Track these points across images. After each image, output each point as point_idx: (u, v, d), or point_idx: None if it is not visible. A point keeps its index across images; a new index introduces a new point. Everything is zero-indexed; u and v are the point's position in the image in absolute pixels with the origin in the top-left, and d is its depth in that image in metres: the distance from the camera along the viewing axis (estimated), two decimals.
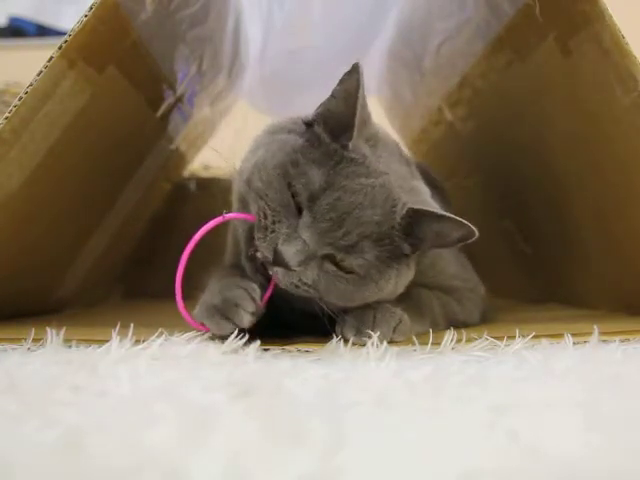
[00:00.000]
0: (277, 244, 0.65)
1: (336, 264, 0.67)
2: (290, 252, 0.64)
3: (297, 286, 0.66)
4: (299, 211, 0.66)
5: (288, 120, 0.76)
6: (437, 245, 0.72)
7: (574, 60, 0.81)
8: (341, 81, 0.68)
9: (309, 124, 0.71)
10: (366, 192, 0.66)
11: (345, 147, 0.68)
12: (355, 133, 0.68)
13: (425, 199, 0.74)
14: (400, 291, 0.73)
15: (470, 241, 0.67)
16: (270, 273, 0.67)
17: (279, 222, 0.66)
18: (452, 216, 0.67)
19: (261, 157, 0.71)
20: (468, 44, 1.06)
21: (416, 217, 0.68)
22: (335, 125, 0.69)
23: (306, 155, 0.68)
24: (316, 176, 0.66)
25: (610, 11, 0.72)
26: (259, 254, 0.67)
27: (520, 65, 0.94)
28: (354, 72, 0.67)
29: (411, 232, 0.68)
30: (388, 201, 0.67)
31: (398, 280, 0.71)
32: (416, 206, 0.68)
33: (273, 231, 0.66)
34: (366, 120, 0.72)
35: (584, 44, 0.78)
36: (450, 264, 0.85)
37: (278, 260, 0.65)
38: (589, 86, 0.82)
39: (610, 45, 0.74)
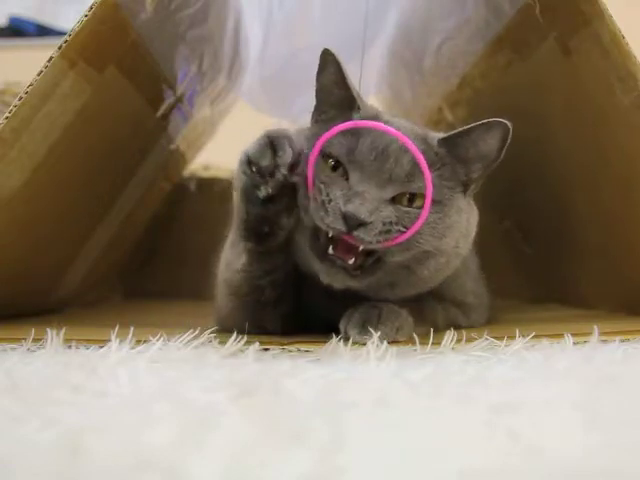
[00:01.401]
0: (341, 210, 0.63)
1: (407, 202, 0.66)
2: (356, 207, 0.62)
3: (388, 232, 0.64)
4: (345, 174, 0.67)
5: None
6: (486, 162, 0.71)
7: (574, 60, 0.81)
8: (319, 73, 0.71)
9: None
10: (397, 127, 0.67)
11: (358, 110, 0.70)
12: (359, 103, 0.70)
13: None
14: (472, 235, 0.73)
15: (509, 135, 0.69)
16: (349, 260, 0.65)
17: (332, 191, 0.65)
18: (477, 123, 0.69)
19: None
20: (468, 44, 1.06)
21: (449, 145, 0.69)
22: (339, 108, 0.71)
23: (324, 129, 0.68)
24: (343, 136, 0.67)
25: (610, 11, 0.72)
26: (330, 231, 0.64)
27: (520, 65, 0.94)
28: (326, 61, 0.70)
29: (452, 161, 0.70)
30: (418, 135, 0.69)
31: (469, 216, 0.72)
32: (443, 135, 0.70)
33: (330, 201, 0.64)
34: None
35: (584, 44, 0.78)
36: (469, 280, 0.85)
37: (351, 222, 0.62)
38: (589, 86, 0.82)
39: (610, 45, 0.74)
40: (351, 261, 0.66)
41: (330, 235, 0.66)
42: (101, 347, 0.63)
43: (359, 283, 0.68)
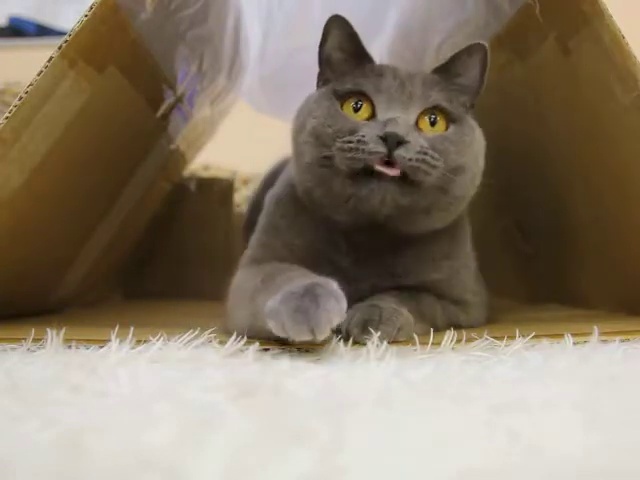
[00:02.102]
0: (379, 135, 0.66)
1: (430, 125, 0.71)
2: (393, 128, 0.65)
3: (425, 153, 0.66)
4: (371, 111, 0.71)
5: None
6: (471, 90, 0.76)
7: (574, 60, 0.81)
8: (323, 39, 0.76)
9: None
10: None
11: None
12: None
13: None
14: (480, 164, 0.75)
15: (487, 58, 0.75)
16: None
17: (367, 126, 0.68)
18: (459, 51, 0.75)
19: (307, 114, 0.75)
20: (468, 44, 1.06)
21: (441, 74, 0.75)
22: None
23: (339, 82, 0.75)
24: (361, 76, 0.73)
25: (610, 11, 0.72)
26: (368, 156, 0.66)
27: (520, 65, 0.94)
28: (330, 27, 0.76)
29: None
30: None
31: (480, 138, 0.76)
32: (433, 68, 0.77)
33: (364, 135, 0.66)
34: None
35: (584, 44, 0.78)
36: (470, 279, 0.85)
37: (391, 140, 0.65)
38: (589, 86, 0.82)
39: (610, 45, 0.73)
40: (396, 172, 0.66)
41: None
42: (101, 347, 0.63)
43: (410, 198, 0.69)
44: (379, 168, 0.66)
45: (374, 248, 0.77)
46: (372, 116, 0.70)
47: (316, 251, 0.76)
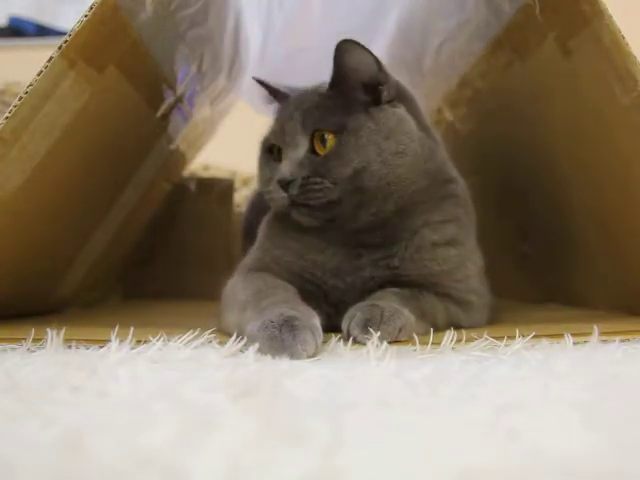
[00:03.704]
0: (276, 183, 0.76)
1: (321, 143, 0.76)
2: (279, 174, 0.76)
3: (306, 184, 0.75)
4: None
5: None
6: (373, 73, 0.78)
7: (574, 60, 0.81)
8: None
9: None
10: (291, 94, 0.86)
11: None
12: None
13: None
14: (391, 147, 0.76)
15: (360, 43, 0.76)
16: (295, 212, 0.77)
17: (275, 174, 0.79)
18: (334, 54, 0.77)
19: None
20: (468, 44, 1.06)
21: (334, 83, 0.79)
22: None
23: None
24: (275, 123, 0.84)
25: (610, 11, 0.72)
26: (278, 203, 0.78)
27: (520, 65, 0.94)
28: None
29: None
30: (308, 90, 0.84)
31: (386, 120, 0.77)
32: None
33: (270, 186, 0.79)
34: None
35: (584, 44, 0.78)
36: (475, 277, 0.85)
37: (282, 184, 0.75)
38: (589, 86, 0.82)
39: (610, 45, 0.73)
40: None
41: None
42: (101, 347, 0.64)
43: (328, 212, 0.76)
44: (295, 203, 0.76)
45: (365, 241, 0.79)
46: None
47: (301, 262, 0.81)
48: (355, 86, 0.78)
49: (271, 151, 0.82)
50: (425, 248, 0.80)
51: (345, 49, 0.76)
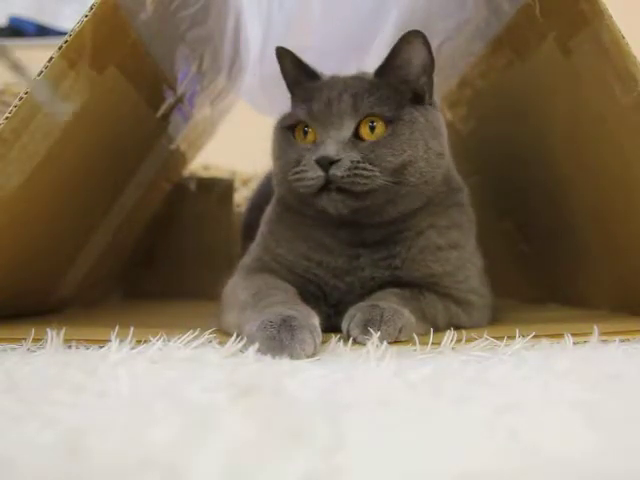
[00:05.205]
0: (315, 159, 0.72)
1: (370, 131, 0.74)
2: (323, 151, 0.72)
3: (356, 167, 0.71)
4: (315, 137, 0.76)
5: None
6: (424, 69, 0.78)
7: (574, 60, 0.81)
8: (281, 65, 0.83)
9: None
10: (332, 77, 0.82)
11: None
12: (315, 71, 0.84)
13: None
14: (443, 135, 0.79)
15: (426, 38, 0.76)
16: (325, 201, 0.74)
17: (309, 152, 0.74)
18: (396, 43, 0.76)
19: None
20: (468, 44, 1.06)
21: (384, 71, 0.77)
22: None
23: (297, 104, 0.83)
24: (302, 103, 0.78)
25: (610, 11, 0.72)
26: (310, 183, 0.73)
27: (520, 65, 0.94)
28: (281, 54, 0.84)
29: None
30: (353, 76, 0.81)
31: (431, 118, 0.78)
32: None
33: (305, 164, 0.74)
34: None
35: (584, 44, 0.78)
36: (475, 277, 0.86)
37: (324, 162, 0.71)
38: (589, 86, 0.82)
39: (610, 45, 0.74)
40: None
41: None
42: (101, 347, 0.64)
43: (360, 202, 0.73)
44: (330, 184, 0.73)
45: (366, 241, 0.79)
46: (316, 138, 0.76)
47: (305, 262, 0.81)
48: (405, 79, 0.77)
49: (292, 131, 0.78)
50: (429, 249, 0.80)
51: (408, 40, 0.75)
